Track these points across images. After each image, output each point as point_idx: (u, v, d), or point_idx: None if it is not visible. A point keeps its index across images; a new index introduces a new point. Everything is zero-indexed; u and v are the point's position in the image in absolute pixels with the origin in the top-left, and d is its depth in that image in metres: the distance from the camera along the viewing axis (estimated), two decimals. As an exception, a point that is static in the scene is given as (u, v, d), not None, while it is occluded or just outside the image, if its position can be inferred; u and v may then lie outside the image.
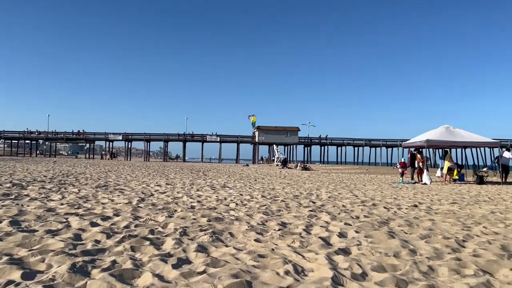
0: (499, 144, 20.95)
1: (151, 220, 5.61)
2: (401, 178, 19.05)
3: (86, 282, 2.88)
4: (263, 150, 72.97)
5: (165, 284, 2.93)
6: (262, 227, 5.30)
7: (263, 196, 9.27)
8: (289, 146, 69.74)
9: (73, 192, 8.87)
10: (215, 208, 6.98)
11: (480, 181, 18.26)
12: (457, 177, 18.97)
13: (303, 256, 3.85)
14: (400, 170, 19.68)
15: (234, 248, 4.09)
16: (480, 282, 3.13)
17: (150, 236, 4.53)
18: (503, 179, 18.42)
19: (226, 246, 4.20)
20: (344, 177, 22.81)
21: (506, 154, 19.00)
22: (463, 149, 22.54)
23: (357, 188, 13.25)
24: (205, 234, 4.62)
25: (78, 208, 6.43)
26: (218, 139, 67.95)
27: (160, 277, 3.07)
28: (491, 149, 19.87)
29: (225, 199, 8.54)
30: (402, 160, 20.21)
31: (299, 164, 38.14)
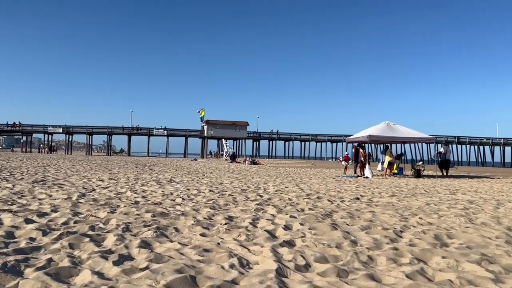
0: (435, 139, 22.29)
1: (92, 216, 5.38)
2: (350, 172, 19.71)
3: (18, 282, 2.71)
4: (212, 145, 72.64)
5: (105, 282, 2.82)
6: (209, 221, 5.26)
7: (210, 191, 9.22)
8: (238, 141, 69.88)
9: (7, 187, 8.32)
10: (161, 203, 6.83)
11: (417, 174, 19.34)
12: (396, 171, 19.97)
13: (248, 250, 3.87)
14: (343, 163, 20.38)
15: (179, 243, 4.02)
16: (414, 270, 3.30)
17: (90, 232, 4.34)
18: (445, 172, 19.69)
19: (171, 241, 4.12)
20: (291, 171, 23.24)
21: (442, 149, 20.30)
22: (402, 144, 23.76)
23: (303, 182, 13.55)
24: (149, 230, 4.51)
25: (12, 204, 6.04)
26: (165, 132, 66.58)
27: (100, 275, 2.95)
28: (428, 144, 21.02)
29: (171, 194, 8.40)
30: (346, 154, 20.92)
31: (247, 159, 38.34)
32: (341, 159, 21.12)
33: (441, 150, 20.90)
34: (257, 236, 4.45)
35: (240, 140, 69.69)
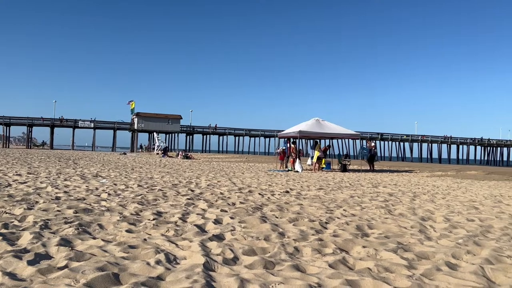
0: (360, 136, 23.53)
1: (6, 213, 4.97)
2: (290, 166, 20.06)
3: None
4: (143, 138, 70.45)
5: (18, 283, 2.61)
6: (136, 217, 5.10)
7: (139, 186, 8.93)
8: (170, 134, 68.45)
9: None
10: (84, 199, 6.49)
11: (344, 169, 20.30)
12: (324, 166, 20.80)
13: (176, 245, 3.80)
14: (279, 157, 20.80)
15: (103, 240, 3.85)
16: (337, 259, 3.46)
17: (3, 230, 4.00)
18: (371, 167, 20.84)
19: (94, 238, 3.93)
20: (225, 165, 23.26)
21: (373, 144, 21.47)
22: (330, 140, 24.76)
23: (236, 176, 13.62)
24: (70, 227, 4.26)
25: None
26: (92, 125, 63.32)
27: (12, 276, 2.73)
28: (354, 140, 22.10)
29: (97, 189, 8.01)
30: (283, 148, 21.33)
31: (180, 153, 37.71)
32: (278, 152, 21.47)
33: (373, 145, 22.11)
34: (186, 231, 4.39)
35: (173, 134, 68.31)
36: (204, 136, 70.82)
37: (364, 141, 24.03)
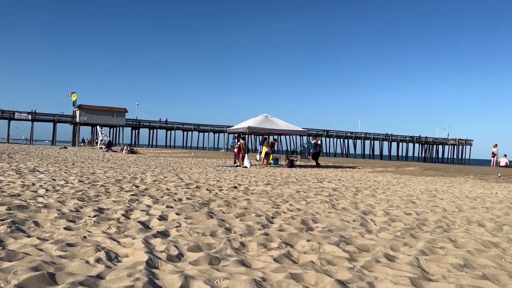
0: (307, 132, 24.08)
1: None
2: (239, 161, 20.02)
3: None
4: (85, 132, 67.62)
5: None
6: (76, 214, 4.87)
7: (80, 181, 8.54)
8: (115, 128, 66.18)
9: None
10: (19, 195, 6.10)
11: (291, 164, 20.67)
12: (272, 161, 21.07)
13: (118, 242, 3.67)
14: (235, 151, 20.76)
15: (38, 238, 3.63)
16: (282, 253, 3.50)
17: None
18: (316, 163, 21.34)
19: (28, 236, 3.70)
20: (172, 160, 22.86)
21: (319, 141, 22.00)
22: (279, 136, 25.11)
23: (183, 172, 13.43)
24: (2, 225, 3.98)
25: None
26: (30, 117, 59.72)
27: None
28: (301, 136, 22.53)
29: (34, 184, 7.56)
30: (237, 144, 21.28)
31: (125, 147, 36.56)
32: (234, 147, 21.37)
33: (319, 142, 22.64)
34: (129, 228, 4.25)
35: (118, 128, 66.11)
36: (151, 131, 69.25)
37: (311, 138, 24.53)
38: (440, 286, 2.84)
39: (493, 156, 28.40)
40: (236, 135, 21.74)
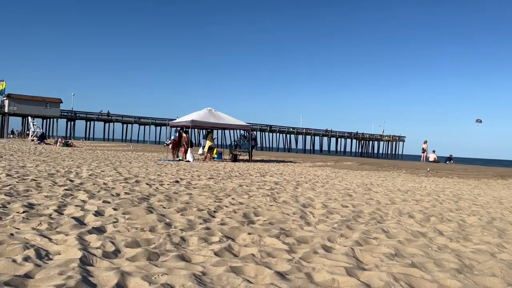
0: (251, 127, 24.21)
1: None
2: (182, 155, 19.64)
3: None
4: (15, 123, 63.09)
5: None
6: (2, 210, 4.53)
7: (8, 175, 7.96)
8: (48, 120, 62.41)
9: None
10: None
11: (234, 159, 20.72)
12: (216, 155, 20.99)
13: (50, 239, 3.47)
14: (170, 146, 20.35)
15: (-43, 237, 3.34)
16: (223, 247, 3.50)
17: None
18: (250, 157, 21.47)
19: None
20: (110, 154, 22.00)
21: (253, 136, 22.14)
22: (223, 130, 25.06)
23: (122, 166, 12.98)
24: None
25: None
26: (-49, 106, 54.65)
27: None
28: (245, 131, 22.60)
29: (-47, 178, 6.93)
30: (173, 138, 20.86)
31: (59, 140, 34.62)
32: (169, 143, 20.91)
33: (253, 137, 22.77)
34: (62, 224, 4.03)
35: (51, 119, 62.40)
36: (88, 123, 66.10)
37: (245, 132, 24.48)
38: (372, 275, 2.98)
39: (423, 152, 30.31)
40: (178, 128, 21.38)
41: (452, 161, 30.15)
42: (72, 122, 64.23)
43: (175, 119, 22.12)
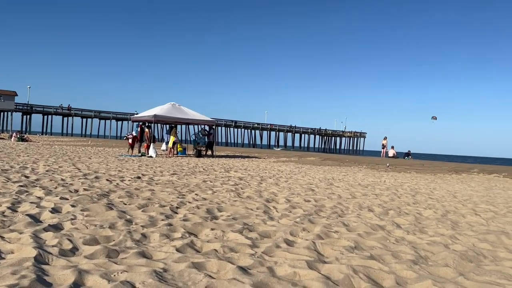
0: (215, 122, 24.06)
1: None
2: (139, 151, 19.21)
3: None
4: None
5: None
6: (-51, 208, 4.28)
7: (-43, 171, 7.53)
8: (2, 113, 59.46)
9: None
10: None
11: (199, 154, 20.54)
12: (180, 151, 20.75)
13: (2, 238, 3.31)
14: (130, 141, 19.88)
15: None
16: (185, 243, 3.46)
17: None
18: (210, 152, 21.22)
19: None
20: (69, 149, 21.26)
21: (212, 131, 21.88)
22: (187, 125, 24.76)
23: (81, 161, 12.57)
24: None
25: None
26: None
27: None
28: (210, 126, 22.34)
29: None
30: (134, 133, 20.40)
31: (14, 134, 33.09)
32: (129, 137, 20.38)
33: (211, 132, 22.40)
34: (16, 222, 3.86)
35: (5, 113, 59.49)
36: (45, 117, 63.56)
37: (202, 126, 24.16)
38: (333, 268, 3.04)
39: (383, 148, 31.23)
40: (140, 123, 20.93)
41: (410, 157, 31.26)
42: (28, 116, 61.56)
43: (136, 114, 21.62)
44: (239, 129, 77.05)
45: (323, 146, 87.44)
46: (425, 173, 17.00)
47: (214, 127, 22.21)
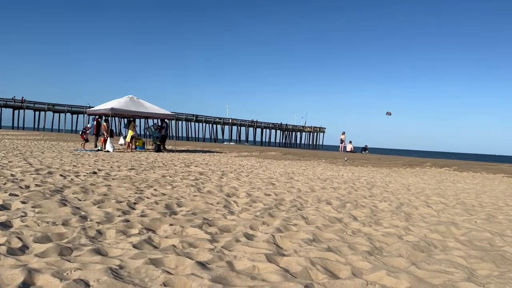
0: (175, 116, 23.68)
1: None
2: (95, 146, 18.56)
3: None
4: None
5: None
6: None
7: None
8: None
9: None
10: None
11: (158, 149, 20.17)
12: (140, 145, 20.29)
13: None
14: (84, 136, 19.18)
15: None
16: (142, 239, 3.39)
17: None
18: (162, 146, 20.72)
19: None
20: (20, 143, 20.24)
21: (164, 124, 21.45)
22: (146, 119, 24.21)
23: (34, 156, 12.01)
24: None
25: None
26: None
27: None
28: (162, 120, 21.84)
29: None
30: (88, 126, 19.70)
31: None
32: (87, 131, 19.61)
33: (163, 125, 21.90)
34: (-41, 220, 3.63)
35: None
36: (-7, 110, 60.10)
37: (156, 121, 23.61)
38: (291, 260, 3.08)
39: (341, 142, 31.98)
40: (96, 117, 20.26)
41: (367, 151, 32.22)
42: (-27, 109, 58.01)
43: (89, 107, 20.88)
44: (201, 124, 76.36)
45: (284, 141, 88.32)
46: (381, 167, 17.57)
47: (166, 121, 21.68)
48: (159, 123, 21.61)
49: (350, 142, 31.04)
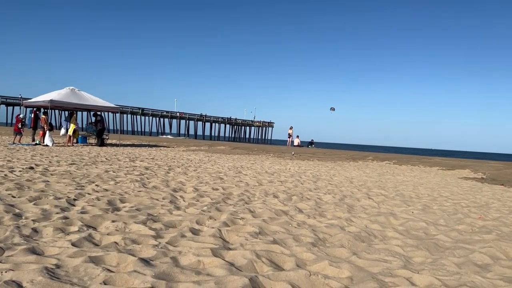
0: (120, 109, 22.89)
1: None
2: (33, 139, 17.44)
3: None
4: None
5: None
6: None
7: None
8: None
9: None
10: None
11: (101, 143, 19.41)
12: (78, 137, 19.42)
13: None
14: (18, 128, 17.99)
15: None
16: (82, 237, 3.24)
17: None
18: (101, 141, 19.94)
19: None
20: None
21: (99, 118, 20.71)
22: (88, 112, 23.18)
23: (-38, 150, 11.12)
24: None
25: None
26: None
27: None
28: (114, 114, 21.11)
29: None
30: (21, 117, 18.44)
31: None
32: (24, 124, 18.37)
33: (98, 119, 21.05)
34: None
35: None
36: None
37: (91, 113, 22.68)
38: (237, 254, 3.09)
39: (289, 137, 32.56)
40: (34, 109, 19.11)
41: (313, 146, 33.05)
42: None
43: (21, 98, 19.61)
44: (147, 117, 74.44)
45: (233, 135, 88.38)
46: (326, 160, 18.10)
47: (101, 113, 20.77)
48: (92, 119, 20.65)
49: (298, 136, 31.67)
